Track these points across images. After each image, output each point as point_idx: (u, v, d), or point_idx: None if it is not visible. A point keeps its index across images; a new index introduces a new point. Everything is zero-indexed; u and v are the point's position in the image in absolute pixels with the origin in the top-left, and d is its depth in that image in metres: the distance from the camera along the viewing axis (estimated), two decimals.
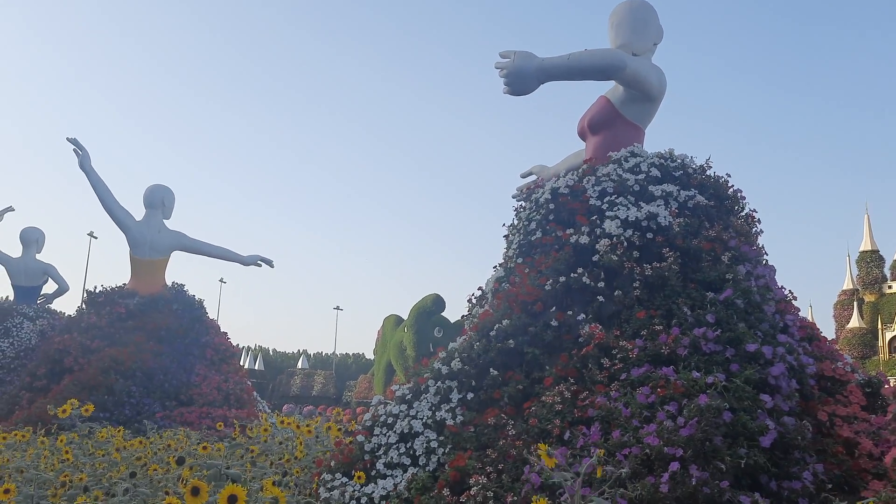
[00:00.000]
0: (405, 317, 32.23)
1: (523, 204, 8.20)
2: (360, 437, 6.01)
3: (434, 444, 5.67)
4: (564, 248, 6.98)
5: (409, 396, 6.47)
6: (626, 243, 6.55)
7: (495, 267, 8.13)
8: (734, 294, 5.75)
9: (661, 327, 5.66)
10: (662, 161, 7.34)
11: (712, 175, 7.38)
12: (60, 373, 14.12)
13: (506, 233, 8.33)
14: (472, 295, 8.25)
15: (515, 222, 8.06)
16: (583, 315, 6.25)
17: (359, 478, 4.76)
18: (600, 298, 6.35)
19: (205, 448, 5.61)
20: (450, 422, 5.87)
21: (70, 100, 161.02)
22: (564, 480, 2.68)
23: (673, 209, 6.72)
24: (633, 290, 6.26)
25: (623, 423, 4.77)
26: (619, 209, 6.81)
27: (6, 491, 3.64)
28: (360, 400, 38.57)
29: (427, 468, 5.51)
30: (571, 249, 6.82)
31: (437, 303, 31.12)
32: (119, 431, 7.00)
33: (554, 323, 6.33)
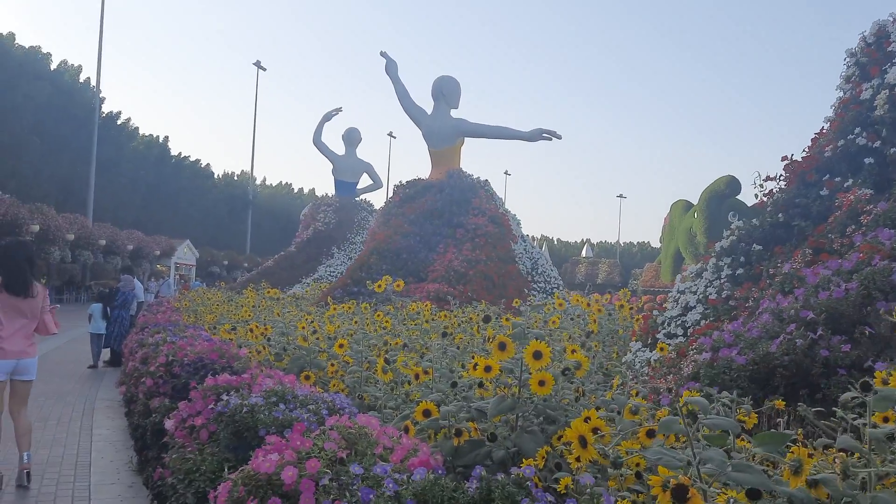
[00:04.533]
0: (695, 202, 30.24)
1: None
2: (655, 312, 6.05)
3: (697, 317, 6.28)
4: (852, 107, 6.29)
5: (694, 274, 7.16)
6: None
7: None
8: None
9: None
10: None
11: None
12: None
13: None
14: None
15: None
16: (850, 181, 5.90)
17: (661, 349, 4.54)
18: (869, 160, 5.73)
19: (507, 320, 5.84)
20: (713, 296, 6.37)
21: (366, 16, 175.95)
22: None
23: None
24: None
25: (807, 289, 4.75)
26: None
27: (341, 346, 4.15)
28: (647, 288, 37.87)
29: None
30: (859, 107, 6.18)
31: (731, 185, 28.61)
32: (427, 306, 7.66)
33: (824, 192, 6.01)
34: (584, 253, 56.96)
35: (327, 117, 30.24)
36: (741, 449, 2.20)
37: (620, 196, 62.43)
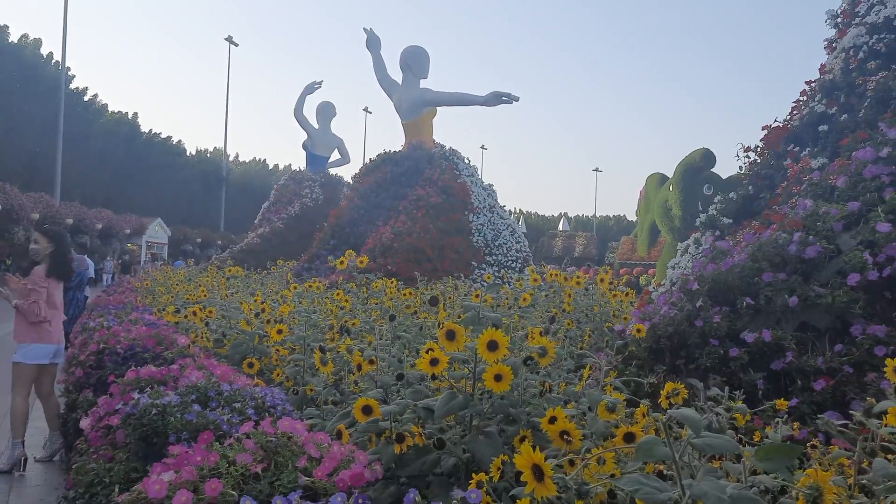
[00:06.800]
0: (670, 175, 30.05)
1: None
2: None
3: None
4: (821, 72, 6.35)
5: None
6: (863, 53, 5.99)
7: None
8: None
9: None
10: None
11: None
12: None
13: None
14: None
15: None
16: (808, 149, 5.99)
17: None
18: (823, 128, 5.79)
19: (477, 296, 5.40)
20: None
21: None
22: None
23: None
24: (858, 110, 5.60)
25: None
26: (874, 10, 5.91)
27: (279, 332, 3.70)
28: (623, 261, 37.82)
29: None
30: (825, 73, 6.25)
31: (706, 158, 28.45)
32: (392, 283, 7.20)
33: (787, 163, 6.01)
34: (560, 226, 56.77)
35: (309, 89, 29.53)
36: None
37: (596, 170, 62.25)
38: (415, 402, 2.52)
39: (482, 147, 62.89)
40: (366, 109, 56.68)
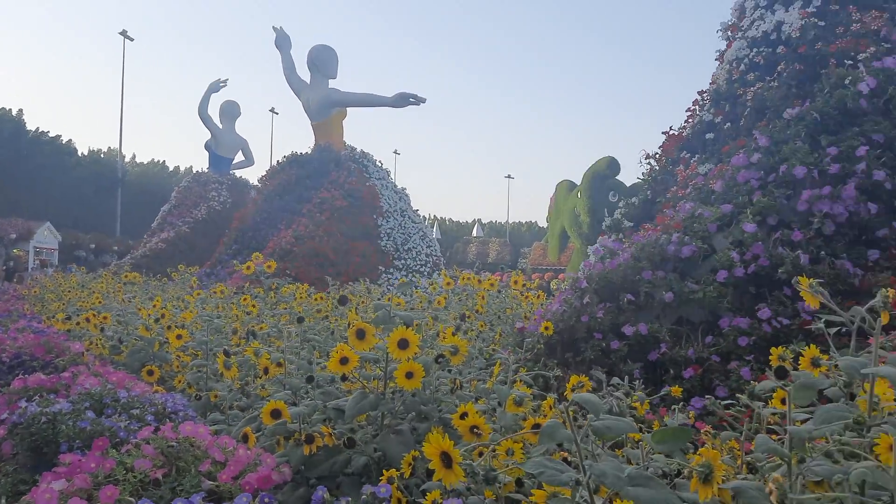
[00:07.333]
0: (579, 182, 31.03)
1: None
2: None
3: None
4: (711, 83, 7.01)
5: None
6: (744, 66, 6.46)
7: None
8: None
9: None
10: None
11: None
12: None
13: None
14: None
15: None
16: (697, 156, 6.52)
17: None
18: (709, 135, 6.39)
19: (390, 298, 5.38)
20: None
21: None
22: None
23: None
24: (739, 119, 6.25)
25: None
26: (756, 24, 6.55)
27: (179, 337, 3.56)
28: (535, 266, 38.67)
29: None
30: (715, 84, 6.90)
31: (611, 166, 29.55)
32: (303, 287, 7.08)
33: (680, 167, 6.54)
34: (474, 232, 57.48)
35: (214, 88, 28.52)
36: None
37: (509, 176, 63.50)
38: (325, 403, 2.49)
39: (395, 152, 62.74)
40: (272, 110, 55.31)
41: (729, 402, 1.94)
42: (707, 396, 1.98)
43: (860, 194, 4.41)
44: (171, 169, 69.75)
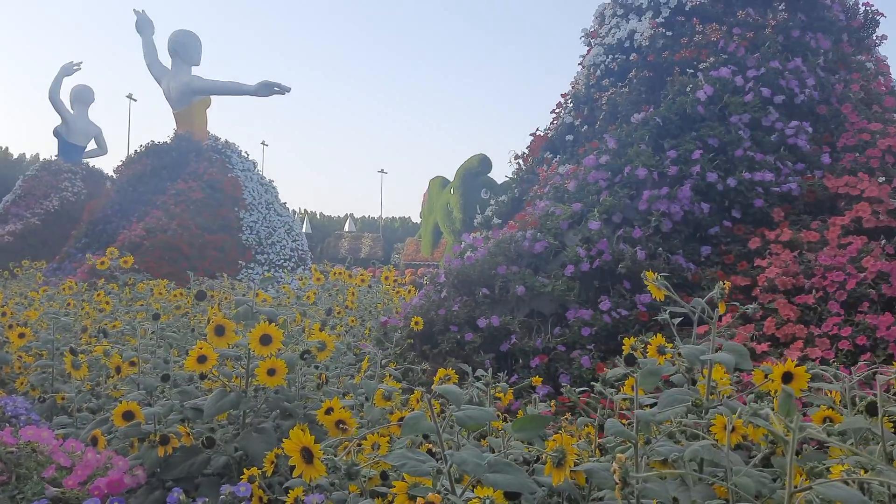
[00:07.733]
0: (451, 178, 31.51)
1: None
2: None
3: None
4: (573, 86, 7.55)
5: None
6: (600, 71, 6.84)
7: None
8: None
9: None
10: None
11: None
12: None
13: None
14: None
15: None
16: (559, 156, 7.03)
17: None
18: (569, 137, 6.91)
19: (258, 295, 5.20)
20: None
21: None
22: None
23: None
24: (596, 122, 6.78)
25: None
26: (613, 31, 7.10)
27: (21, 335, 3.26)
28: (409, 262, 38.87)
29: None
30: (576, 87, 7.44)
31: (483, 163, 30.17)
32: (161, 283, 6.70)
33: (544, 167, 6.98)
34: (346, 227, 56.81)
35: (66, 71, 26.24)
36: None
37: (382, 171, 63.19)
38: (182, 403, 2.38)
39: (263, 143, 60.53)
40: (130, 96, 51.76)
41: (581, 389, 2.06)
42: (563, 385, 2.08)
43: (695, 195, 4.86)
44: (15, 156, 63.43)
